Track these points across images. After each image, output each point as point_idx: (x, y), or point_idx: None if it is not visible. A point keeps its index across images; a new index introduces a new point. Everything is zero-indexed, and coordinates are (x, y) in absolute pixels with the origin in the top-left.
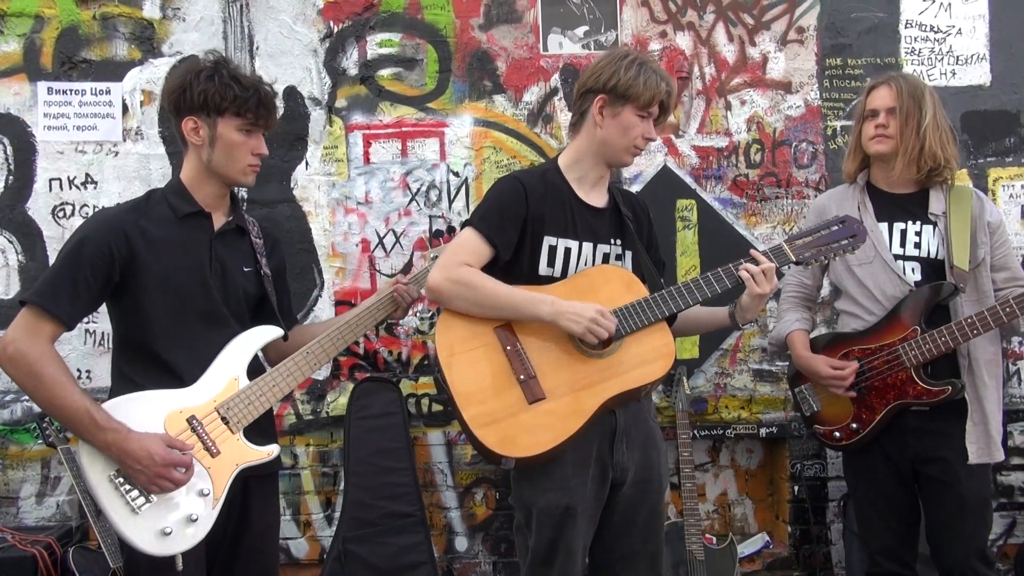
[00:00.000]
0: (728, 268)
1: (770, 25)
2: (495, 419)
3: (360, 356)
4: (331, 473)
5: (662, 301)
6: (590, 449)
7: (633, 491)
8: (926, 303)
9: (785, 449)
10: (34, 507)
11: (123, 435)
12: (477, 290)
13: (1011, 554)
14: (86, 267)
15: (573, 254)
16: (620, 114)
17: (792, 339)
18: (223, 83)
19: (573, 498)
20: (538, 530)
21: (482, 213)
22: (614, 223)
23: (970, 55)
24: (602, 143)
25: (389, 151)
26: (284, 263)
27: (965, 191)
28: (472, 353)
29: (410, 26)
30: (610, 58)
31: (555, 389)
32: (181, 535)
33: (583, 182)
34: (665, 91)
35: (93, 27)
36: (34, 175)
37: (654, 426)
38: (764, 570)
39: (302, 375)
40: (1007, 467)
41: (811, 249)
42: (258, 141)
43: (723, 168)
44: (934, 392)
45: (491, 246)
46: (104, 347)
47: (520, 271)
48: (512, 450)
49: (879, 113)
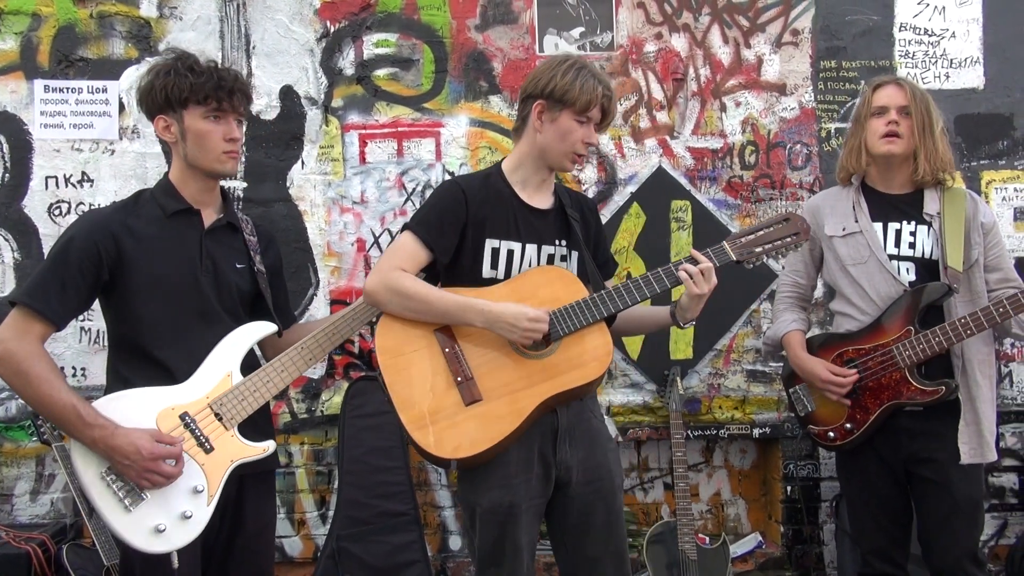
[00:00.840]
0: (668, 268)
1: (765, 27)
2: (432, 421)
3: (355, 355)
4: (325, 472)
5: (600, 302)
6: (532, 448)
7: (585, 491)
8: (920, 303)
9: (778, 449)
10: (28, 504)
11: (110, 431)
12: (409, 297)
13: (1002, 555)
14: (74, 267)
15: (516, 256)
16: (558, 119)
17: (788, 340)
18: (179, 75)
19: (516, 495)
20: (482, 530)
21: (420, 217)
22: (559, 224)
23: (964, 58)
24: (542, 148)
25: (385, 151)
26: (280, 261)
27: (959, 192)
28: (411, 356)
29: (406, 26)
30: (549, 63)
31: (492, 391)
32: (175, 532)
33: (526, 185)
34: (602, 95)
35: (90, 25)
36: (30, 173)
37: (599, 425)
38: (757, 570)
39: (297, 371)
40: (999, 468)
41: (753, 247)
42: (228, 126)
43: (718, 169)
44: (928, 392)
45: (428, 250)
46: (99, 345)
47: (464, 274)
48: (449, 452)
49: (889, 110)
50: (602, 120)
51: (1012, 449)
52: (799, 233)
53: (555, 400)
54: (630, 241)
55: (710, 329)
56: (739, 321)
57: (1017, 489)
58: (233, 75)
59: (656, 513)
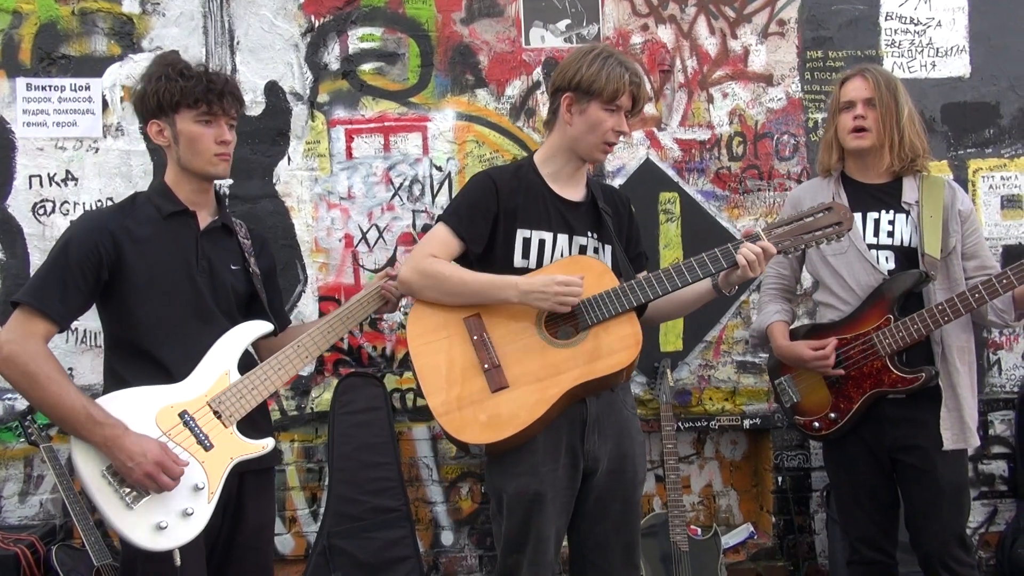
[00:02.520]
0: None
1: (751, 18)
2: (459, 407)
3: (344, 351)
4: (316, 469)
5: (631, 291)
6: (561, 438)
7: (606, 480)
8: (897, 291)
9: (769, 440)
10: (17, 506)
11: (121, 430)
12: (443, 279)
13: (992, 542)
14: (75, 267)
15: (548, 245)
16: (587, 110)
17: (772, 330)
18: (170, 80)
19: (543, 484)
20: (509, 515)
21: (453, 208)
22: (591, 217)
23: (950, 47)
24: (573, 140)
25: (371, 146)
26: (274, 264)
27: (938, 181)
28: (440, 343)
29: (392, 20)
30: (575, 55)
31: (519, 378)
32: (177, 529)
33: (558, 177)
34: (630, 82)
35: (72, 22)
36: (14, 172)
37: (630, 416)
38: (749, 560)
39: (293, 368)
40: (988, 456)
41: (791, 238)
42: (220, 129)
43: (705, 161)
44: (908, 379)
45: (460, 240)
46: (87, 345)
47: (496, 263)
48: (474, 437)
49: (856, 104)
50: (633, 107)
51: (1001, 436)
52: (842, 223)
53: (582, 389)
54: None
55: (700, 321)
56: (728, 312)
57: (1006, 476)
58: (223, 78)
59: (648, 505)
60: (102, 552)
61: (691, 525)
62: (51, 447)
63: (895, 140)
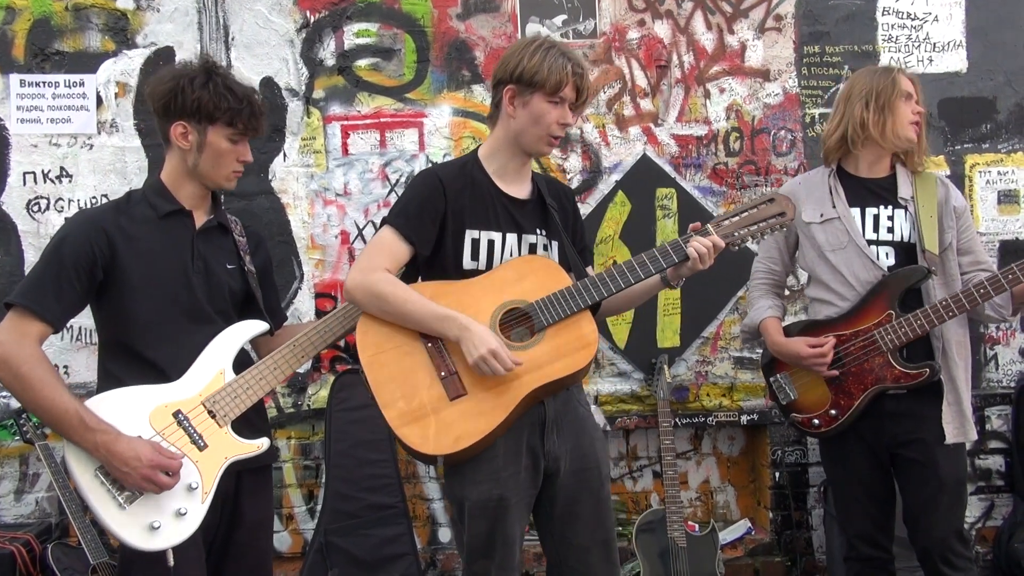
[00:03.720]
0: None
1: (748, 13)
2: (417, 417)
3: (341, 348)
4: (313, 466)
5: (584, 290)
6: (520, 440)
7: (571, 481)
8: (899, 287)
9: (766, 436)
10: (12, 504)
11: (112, 436)
12: (388, 303)
13: (989, 537)
14: (69, 267)
15: (497, 246)
16: (530, 103)
17: (766, 326)
18: (217, 92)
19: (506, 489)
20: (471, 523)
21: (399, 209)
22: (538, 214)
23: (947, 42)
24: (516, 133)
25: (367, 142)
26: (270, 262)
27: (930, 177)
28: (393, 352)
29: (387, 16)
30: (516, 46)
31: (477, 384)
32: (170, 529)
33: (503, 173)
34: (573, 72)
35: (66, 18)
36: (8, 169)
37: (585, 414)
38: (746, 556)
39: (289, 368)
40: (985, 451)
41: (738, 229)
42: (244, 148)
43: (702, 156)
44: (912, 375)
45: (409, 244)
46: (82, 342)
47: (444, 265)
48: (435, 448)
49: (913, 97)
50: (577, 98)
51: (998, 431)
52: (784, 213)
53: (542, 391)
54: (616, 229)
55: (697, 317)
56: (725, 308)
57: (1003, 471)
58: (261, 102)
59: (645, 501)
60: (98, 550)
61: (689, 521)
62: (46, 445)
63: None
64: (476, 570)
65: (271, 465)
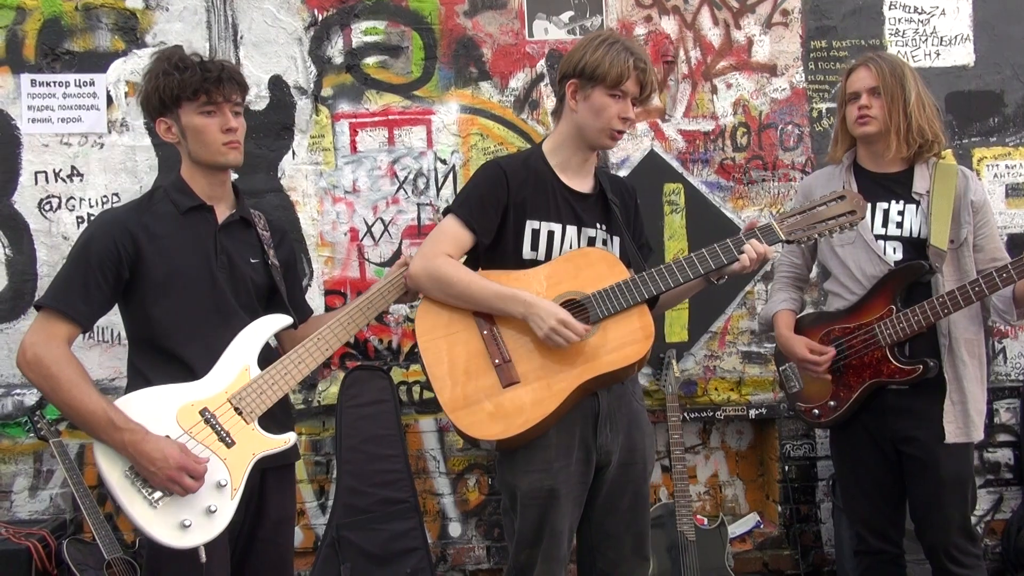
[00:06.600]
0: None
1: (755, 8)
2: (469, 403)
3: (350, 345)
4: (324, 462)
5: (641, 283)
6: (573, 432)
7: (617, 474)
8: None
9: (774, 430)
10: (27, 501)
11: (141, 436)
12: (452, 285)
13: (999, 530)
14: (95, 267)
15: (556, 237)
16: (591, 96)
17: (777, 319)
18: (167, 75)
19: (556, 480)
20: (523, 512)
21: (463, 199)
22: (600, 208)
23: (954, 36)
24: (579, 127)
25: (376, 139)
26: (294, 255)
27: (951, 169)
28: (450, 338)
29: (395, 13)
30: (582, 41)
31: (529, 373)
32: (201, 527)
33: (566, 167)
34: (635, 67)
35: (76, 18)
36: (19, 168)
37: (639, 408)
38: (755, 549)
39: (314, 361)
40: (994, 444)
41: (803, 227)
42: (224, 117)
43: (710, 152)
44: (906, 371)
45: (471, 232)
46: (94, 340)
47: (505, 255)
48: (484, 433)
49: (860, 95)
50: (640, 93)
51: (1007, 425)
52: (855, 211)
53: (594, 383)
54: None
55: (705, 311)
56: (734, 303)
57: (1012, 464)
58: (219, 65)
59: (654, 495)
60: (112, 545)
61: (697, 515)
62: (60, 442)
63: (901, 126)
64: (522, 559)
65: (294, 464)
